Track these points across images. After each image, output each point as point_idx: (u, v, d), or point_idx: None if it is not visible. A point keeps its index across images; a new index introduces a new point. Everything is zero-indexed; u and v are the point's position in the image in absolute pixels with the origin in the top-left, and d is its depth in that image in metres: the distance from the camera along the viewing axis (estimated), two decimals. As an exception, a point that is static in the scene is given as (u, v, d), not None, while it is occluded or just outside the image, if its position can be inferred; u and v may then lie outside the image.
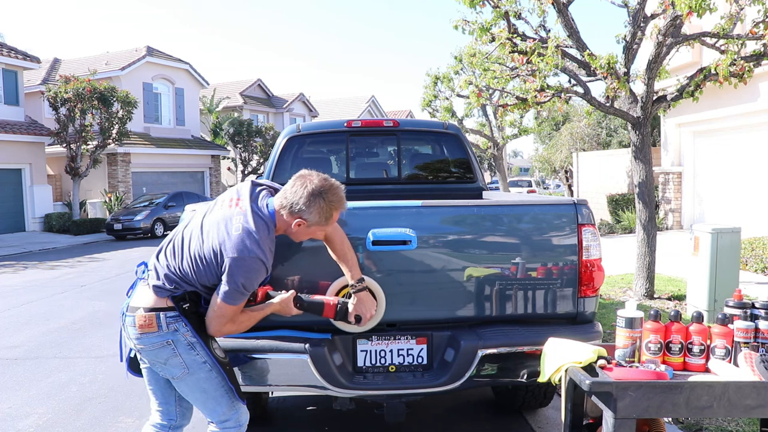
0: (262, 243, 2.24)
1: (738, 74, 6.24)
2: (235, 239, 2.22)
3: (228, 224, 2.26)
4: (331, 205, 2.34)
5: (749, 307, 2.34)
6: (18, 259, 13.54)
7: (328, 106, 39.49)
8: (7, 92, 19.29)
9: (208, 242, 2.26)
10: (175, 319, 2.30)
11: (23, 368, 5.23)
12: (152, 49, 24.50)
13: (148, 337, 2.29)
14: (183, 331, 2.30)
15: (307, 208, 2.31)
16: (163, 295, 2.30)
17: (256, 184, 2.47)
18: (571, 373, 2.22)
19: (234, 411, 2.40)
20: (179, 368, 2.33)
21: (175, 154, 24.34)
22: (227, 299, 2.24)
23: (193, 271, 2.28)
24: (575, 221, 2.83)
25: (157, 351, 2.31)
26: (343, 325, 2.68)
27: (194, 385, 2.36)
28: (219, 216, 2.32)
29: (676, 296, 6.74)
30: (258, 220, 2.27)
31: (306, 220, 2.33)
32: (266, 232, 2.28)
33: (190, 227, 2.38)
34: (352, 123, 4.73)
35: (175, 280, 2.31)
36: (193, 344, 2.32)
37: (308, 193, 2.30)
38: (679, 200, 13.75)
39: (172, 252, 2.35)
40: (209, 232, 2.28)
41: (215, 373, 2.35)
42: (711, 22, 6.66)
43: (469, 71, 15.72)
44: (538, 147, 31.93)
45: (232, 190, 2.45)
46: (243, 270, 2.21)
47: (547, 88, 6.90)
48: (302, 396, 4.13)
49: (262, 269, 2.26)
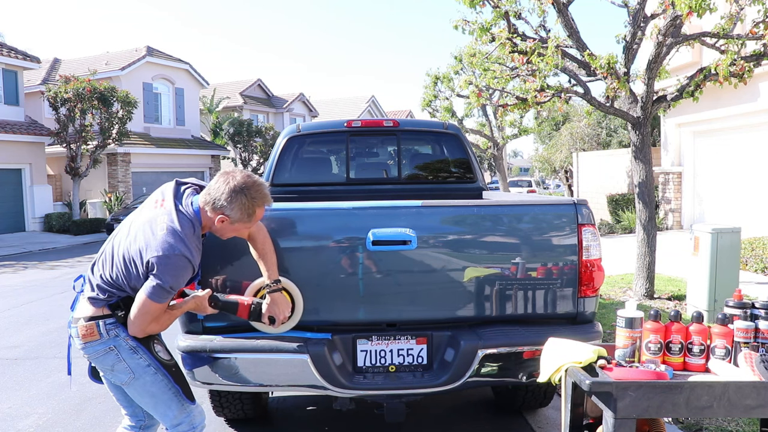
0: (188, 241, 2.25)
1: (738, 74, 6.24)
2: (160, 238, 2.22)
3: (153, 224, 2.27)
4: (253, 201, 2.34)
5: (749, 307, 2.34)
6: (18, 259, 13.54)
7: (328, 106, 39.49)
8: (7, 92, 19.28)
9: (135, 245, 2.27)
10: (114, 326, 2.32)
11: (23, 368, 5.23)
12: (152, 49, 24.50)
13: (92, 346, 2.32)
14: (124, 336, 2.33)
15: (229, 204, 2.30)
16: (99, 305, 2.32)
17: (181, 183, 2.48)
18: (571, 373, 2.22)
19: (186, 414, 2.40)
20: (125, 373, 2.35)
21: (175, 154, 24.33)
22: (153, 297, 2.24)
23: (122, 275, 2.29)
24: (575, 221, 2.83)
25: (102, 358, 2.34)
26: (259, 326, 2.68)
27: (142, 389, 2.37)
28: (145, 218, 2.33)
29: (676, 296, 6.74)
30: (183, 219, 2.28)
31: (228, 216, 2.33)
32: (191, 230, 2.29)
33: (119, 235, 2.39)
34: (352, 123, 4.73)
35: (107, 289, 2.32)
36: (135, 348, 2.34)
37: (230, 190, 2.30)
38: (679, 200, 13.75)
39: (103, 262, 2.37)
40: (136, 235, 2.29)
41: (160, 376, 2.36)
42: (711, 22, 6.66)
43: (469, 71, 15.72)
44: (538, 147, 31.93)
45: (158, 192, 2.46)
46: (169, 268, 2.21)
47: (547, 88, 6.90)
48: (302, 396, 4.13)
49: (188, 267, 2.27)
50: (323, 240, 2.76)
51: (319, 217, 2.80)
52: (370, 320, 2.81)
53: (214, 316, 2.62)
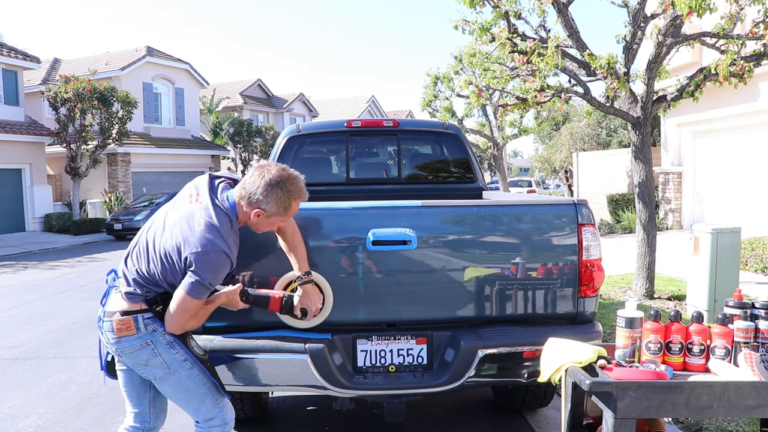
0: (226, 236, 2.23)
1: (738, 74, 6.24)
2: (198, 234, 2.20)
3: (190, 220, 2.25)
4: (289, 194, 2.32)
5: (749, 307, 2.34)
6: (18, 259, 13.54)
7: (328, 106, 39.49)
8: (7, 92, 19.28)
9: (172, 240, 2.25)
10: (152, 320, 2.31)
11: (23, 368, 5.23)
12: (152, 49, 24.50)
13: (128, 340, 2.30)
14: (161, 331, 2.31)
15: (265, 198, 2.29)
16: (136, 301, 2.30)
17: (215, 177, 2.45)
18: (571, 373, 2.22)
19: (218, 408, 2.39)
20: (160, 368, 2.33)
21: (175, 154, 24.34)
22: (192, 293, 2.22)
23: (158, 270, 2.27)
24: (575, 221, 2.83)
25: (137, 353, 2.32)
26: (291, 321, 2.67)
27: (176, 384, 2.36)
28: (181, 213, 2.30)
29: (676, 296, 6.74)
30: (220, 213, 2.26)
31: (264, 210, 2.31)
32: (229, 224, 2.27)
33: (153, 228, 2.36)
34: (352, 123, 4.73)
35: (144, 284, 2.30)
36: (172, 343, 2.32)
37: (266, 183, 2.29)
38: (679, 200, 13.75)
39: (137, 256, 2.34)
40: (173, 231, 2.26)
41: (197, 371, 2.35)
42: (711, 22, 6.66)
43: (469, 71, 15.73)
44: (538, 147, 31.93)
45: (191, 186, 2.42)
46: (208, 264, 2.20)
47: (547, 88, 6.90)
48: (302, 396, 4.13)
49: (226, 262, 2.25)
50: (323, 240, 2.76)
51: (319, 217, 2.80)
52: (370, 320, 2.81)
53: (213, 315, 2.61)
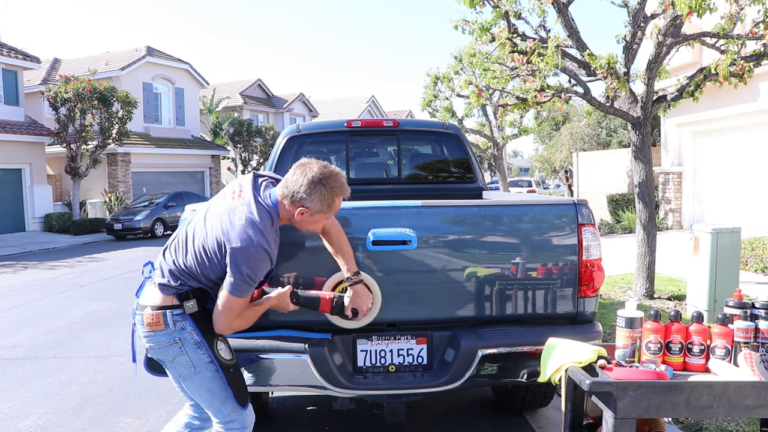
0: (266, 233, 2.23)
1: (738, 74, 6.24)
2: (238, 229, 2.21)
3: (231, 215, 2.25)
4: (332, 191, 2.33)
5: (749, 307, 2.34)
6: (18, 259, 13.54)
7: (328, 106, 39.49)
8: (7, 92, 19.28)
9: (212, 234, 2.25)
10: (182, 317, 2.30)
11: (23, 368, 5.23)
12: (152, 49, 24.50)
13: (156, 336, 2.31)
14: (190, 330, 2.31)
15: (309, 197, 2.29)
16: (168, 293, 2.30)
17: (258, 176, 2.46)
18: (571, 373, 2.22)
19: (239, 413, 2.39)
20: (186, 367, 2.33)
21: (175, 154, 24.33)
22: (234, 291, 2.23)
23: (197, 264, 2.28)
24: (575, 221, 2.83)
25: (165, 349, 2.32)
26: (340, 321, 2.67)
27: (200, 384, 2.36)
28: (222, 208, 2.31)
29: (676, 296, 6.74)
30: (261, 210, 2.26)
31: (309, 208, 2.31)
32: (270, 222, 2.27)
33: (194, 222, 2.38)
34: (352, 123, 4.73)
35: (179, 276, 2.30)
36: (199, 343, 2.32)
37: (308, 181, 2.29)
38: (679, 200, 13.75)
39: (176, 248, 2.35)
40: (213, 225, 2.27)
41: (221, 374, 2.35)
42: (711, 22, 6.66)
43: (469, 71, 15.72)
44: (538, 147, 31.95)
45: (234, 183, 2.44)
46: (247, 259, 2.19)
47: (547, 88, 6.90)
48: (302, 396, 4.13)
49: (266, 259, 2.24)
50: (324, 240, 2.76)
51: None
52: (370, 320, 2.81)
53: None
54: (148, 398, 4.38)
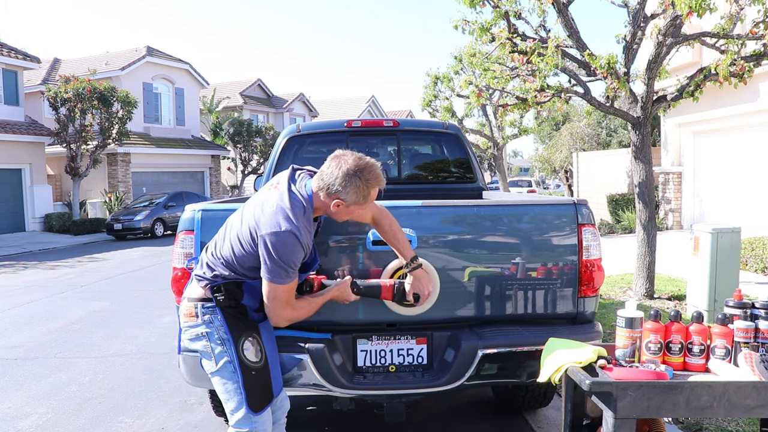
0: (296, 219, 2.25)
1: (738, 74, 6.24)
2: (268, 214, 2.25)
3: (264, 204, 2.31)
4: (368, 183, 2.36)
5: (749, 307, 2.34)
6: (18, 259, 13.54)
7: (328, 106, 39.49)
8: (7, 92, 19.29)
9: (245, 223, 2.31)
10: (211, 311, 2.35)
11: (23, 368, 5.23)
12: (152, 49, 24.50)
13: (190, 327, 2.40)
14: (217, 325, 2.35)
15: (344, 189, 2.31)
16: (202, 283, 2.37)
17: (296, 169, 2.50)
18: (571, 373, 2.22)
19: (249, 420, 2.36)
20: (210, 362, 2.37)
21: (175, 154, 24.34)
22: (273, 278, 2.25)
23: (231, 251, 2.32)
24: (575, 221, 2.83)
25: (196, 340, 2.39)
26: (399, 308, 2.69)
27: (218, 382, 2.39)
28: (258, 199, 2.38)
29: (676, 296, 6.74)
30: (294, 199, 2.30)
31: (344, 200, 2.33)
32: (301, 210, 2.29)
33: (234, 215, 2.45)
34: (352, 123, 4.73)
35: (214, 267, 2.35)
36: (224, 340, 2.35)
37: (344, 174, 2.32)
38: (679, 200, 13.75)
39: (215, 240, 2.43)
40: (247, 214, 2.34)
41: (239, 375, 2.35)
42: (711, 22, 6.66)
43: (469, 71, 15.72)
44: (538, 147, 31.94)
45: (275, 177, 2.50)
46: (279, 245, 2.22)
47: (547, 88, 6.90)
48: (302, 396, 4.13)
49: (296, 244, 2.24)
50: (323, 239, 2.76)
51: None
52: (370, 320, 2.81)
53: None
54: (148, 398, 4.38)
